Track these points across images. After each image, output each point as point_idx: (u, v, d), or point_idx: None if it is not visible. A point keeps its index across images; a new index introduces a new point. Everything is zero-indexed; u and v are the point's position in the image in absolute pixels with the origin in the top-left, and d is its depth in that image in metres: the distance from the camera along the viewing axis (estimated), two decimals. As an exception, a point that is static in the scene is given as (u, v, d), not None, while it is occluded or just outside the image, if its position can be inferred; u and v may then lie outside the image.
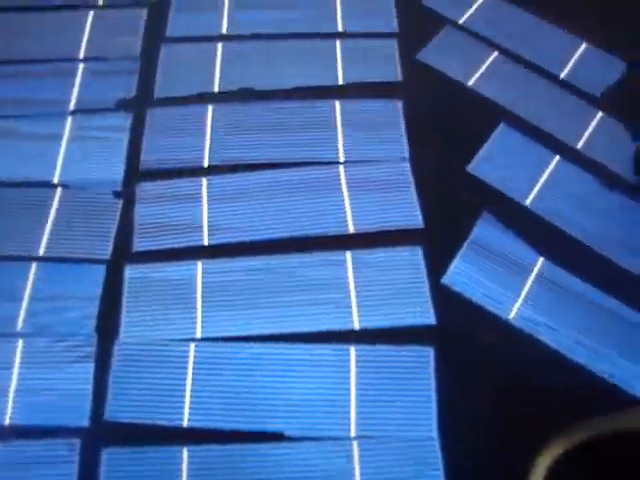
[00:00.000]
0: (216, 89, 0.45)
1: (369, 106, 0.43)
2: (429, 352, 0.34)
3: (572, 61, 0.45)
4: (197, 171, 0.40)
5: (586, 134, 0.42)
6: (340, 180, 0.39)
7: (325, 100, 0.43)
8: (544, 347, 0.35)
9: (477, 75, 0.44)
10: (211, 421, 0.34)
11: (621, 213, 0.39)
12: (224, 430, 0.34)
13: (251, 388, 0.35)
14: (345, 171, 0.39)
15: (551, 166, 0.40)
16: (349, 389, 0.34)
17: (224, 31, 0.47)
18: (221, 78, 0.46)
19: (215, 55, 0.46)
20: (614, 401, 0.33)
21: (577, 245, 0.38)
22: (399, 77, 0.44)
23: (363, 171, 0.40)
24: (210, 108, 0.43)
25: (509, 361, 0.35)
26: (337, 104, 0.43)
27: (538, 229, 0.38)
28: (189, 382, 0.35)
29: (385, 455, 0.33)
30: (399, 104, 0.42)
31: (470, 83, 0.43)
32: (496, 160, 0.40)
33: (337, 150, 0.40)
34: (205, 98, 0.44)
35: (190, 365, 0.35)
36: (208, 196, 0.39)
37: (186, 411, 0.35)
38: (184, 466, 0.34)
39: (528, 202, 0.37)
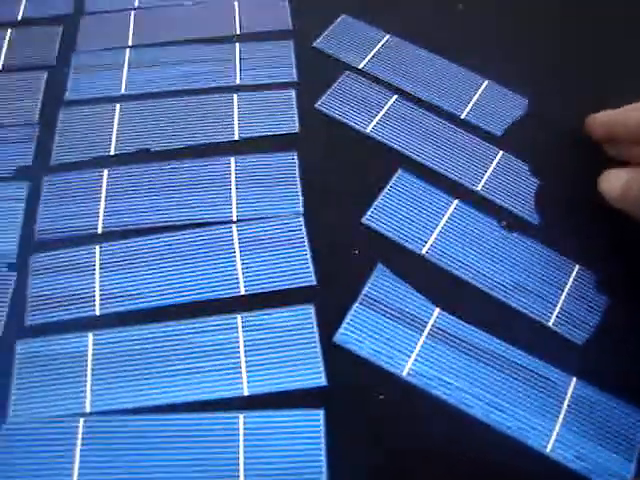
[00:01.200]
0: (112, 152, 0.44)
1: (265, 160, 0.42)
2: (319, 414, 0.33)
3: (473, 100, 0.44)
4: (91, 238, 0.39)
5: (486, 175, 0.40)
6: (233, 240, 0.38)
7: (221, 157, 0.42)
8: (440, 402, 0.33)
9: (375, 121, 0.42)
10: (99, 498, 0.34)
11: (521, 256, 0.38)
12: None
13: (139, 462, 0.34)
14: (238, 230, 0.38)
15: (449, 211, 0.39)
16: (238, 457, 0.33)
17: (123, 91, 0.46)
18: (118, 140, 0.45)
19: (113, 117, 0.45)
20: (516, 455, 0.32)
21: (475, 293, 0.36)
22: (297, 128, 0.42)
23: (256, 229, 0.38)
24: (106, 172, 0.42)
25: (403, 419, 0.33)
26: (232, 160, 0.41)
27: (435, 278, 0.36)
28: (77, 459, 0.34)
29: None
30: (295, 156, 0.41)
31: (368, 130, 0.41)
32: (392, 209, 0.39)
33: (231, 209, 0.39)
34: (101, 162, 0.43)
35: (79, 441, 0.34)
36: (101, 264, 0.38)
37: (75, 483, 0.34)
38: None
39: (424, 251, 0.36)
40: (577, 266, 0.39)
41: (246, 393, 0.35)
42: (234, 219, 0.40)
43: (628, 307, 0.39)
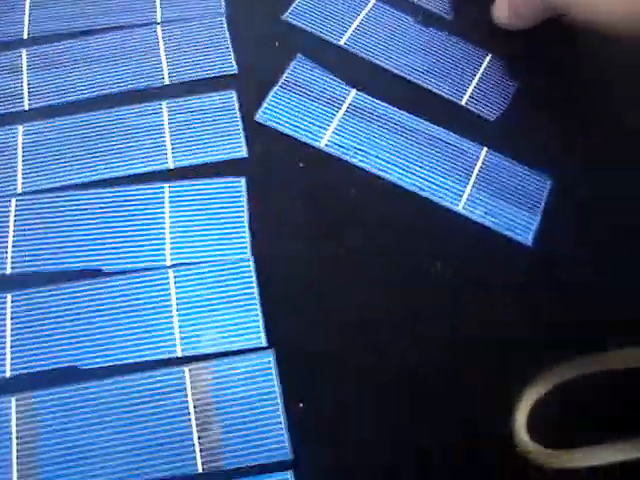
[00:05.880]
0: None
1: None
2: (240, 182, 0.34)
3: None
4: (18, 43, 0.40)
5: (403, -24, 0.42)
6: (157, 39, 0.38)
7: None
8: (356, 169, 0.35)
9: None
10: (33, 266, 0.35)
11: (435, 46, 0.39)
12: (46, 273, 0.34)
13: (71, 231, 0.35)
14: (162, 30, 0.39)
15: (367, 8, 0.40)
16: (164, 223, 0.34)
17: None
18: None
19: None
20: (429, 212, 0.34)
21: (391, 77, 0.37)
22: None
23: (180, 29, 0.39)
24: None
25: (322, 184, 0.35)
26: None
27: (353, 65, 0.37)
28: (11, 233, 0.35)
29: (200, 279, 0.34)
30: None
31: None
32: (312, 7, 0.40)
33: (155, 11, 0.40)
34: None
35: (12, 219, 0.36)
36: (28, 65, 0.39)
37: (9, 259, 0.35)
38: (8, 311, 0.34)
39: (343, 41, 0.37)
40: (489, 55, 0.41)
41: (171, 166, 0.36)
42: (158, 20, 0.41)
43: (536, 89, 0.41)
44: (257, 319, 0.33)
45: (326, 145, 0.36)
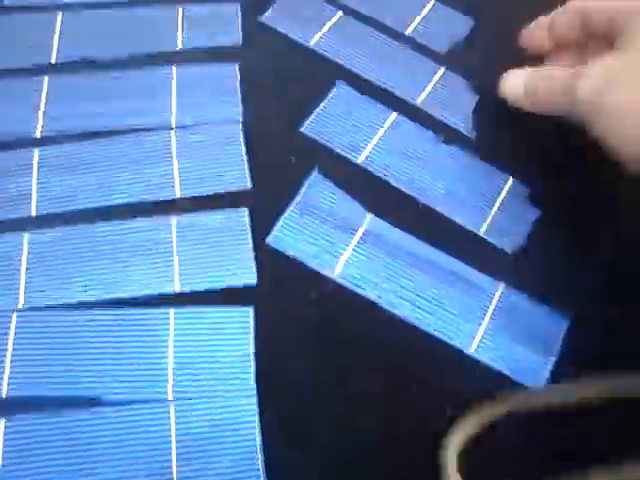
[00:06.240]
0: (54, 60, 0.43)
1: (206, 70, 0.42)
2: (248, 311, 0.34)
3: (419, 18, 0.44)
4: (29, 142, 0.39)
5: (427, 90, 0.40)
6: (171, 146, 0.38)
7: (162, 66, 0.42)
8: (368, 303, 0.34)
9: (319, 35, 0.42)
10: (29, 390, 0.34)
11: (456, 168, 0.38)
12: (42, 397, 0.33)
13: (70, 355, 0.34)
14: (176, 136, 0.38)
15: (387, 123, 0.39)
16: (167, 352, 0.33)
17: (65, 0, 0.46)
18: (59, 49, 0.44)
19: (54, 25, 0.44)
20: (437, 354, 0.33)
21: (408, 201, 0.36)
22: (239, 41, 0.42)
23: (194, 135, 0.38)
24: (46, 79, 0.42)
25: (331, 317, 0.34)
26: (174, 69, 0.41)
27: (370, 186, 0.36)
28: (9, 352, 0.34)
29: (202, 414, 0.33)
30: (236, 67, 0.41)
31: (311, 44, 0.41)
32: (330, 120, 0.39)
33: (170, 115, 0.39)
34: (42, 69, 0.43)
35: (11, 335, 0.35)
36: (39, 167, 0.38)
37: (5, 382, 0.34)
38: (0, 438, 0.33)
39: (360, 160, 0.36)
40: (511, 179, 0.40)
41: (177, 290, 0.35)
42: (173, 125, 0.40)
43: (557, 219, 0.40)
44: (258, 469, 0.32)
45: (338, 275, 0.35)
